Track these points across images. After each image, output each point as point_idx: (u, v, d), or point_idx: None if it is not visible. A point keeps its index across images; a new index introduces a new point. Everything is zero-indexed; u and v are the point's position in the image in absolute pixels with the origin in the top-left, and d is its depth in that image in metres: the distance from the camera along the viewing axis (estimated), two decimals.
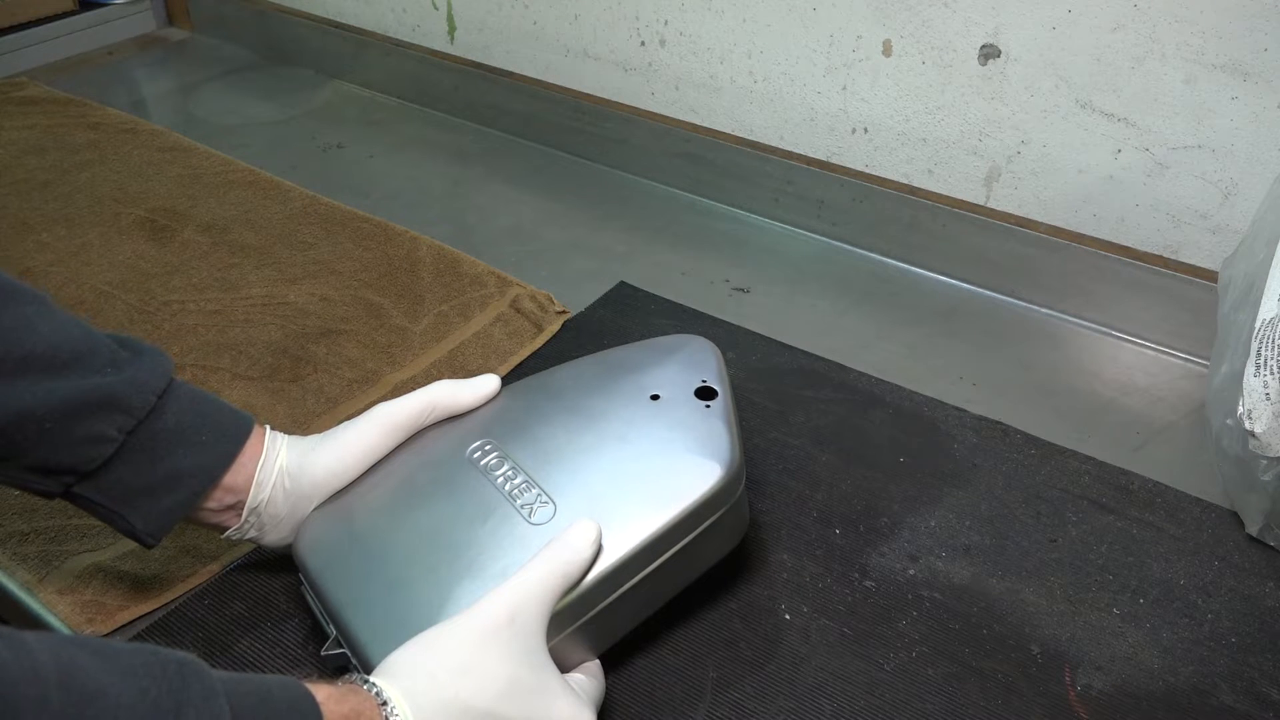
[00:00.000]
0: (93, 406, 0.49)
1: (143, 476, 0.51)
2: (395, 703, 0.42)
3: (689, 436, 0.56)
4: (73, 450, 0.49)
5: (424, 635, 0.45)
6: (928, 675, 0.55)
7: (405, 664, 0.44)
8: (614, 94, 1.07)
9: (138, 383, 0.51)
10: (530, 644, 0.46)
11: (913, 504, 0.66)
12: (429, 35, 1.21)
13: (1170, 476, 0.69)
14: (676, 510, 0.52)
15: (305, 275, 0.89)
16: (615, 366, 0.62)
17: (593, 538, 0.50)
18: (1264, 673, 0.56)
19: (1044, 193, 0.84)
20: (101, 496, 0.51)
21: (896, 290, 0.90)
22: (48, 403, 0.48)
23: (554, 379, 0.62)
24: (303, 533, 0.56)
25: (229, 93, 1.29)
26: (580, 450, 0.56)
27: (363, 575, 0.52)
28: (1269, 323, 0.58)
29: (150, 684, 0.34)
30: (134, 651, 0.35)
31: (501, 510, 0.53)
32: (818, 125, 0.94)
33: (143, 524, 0.52)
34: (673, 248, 0.95)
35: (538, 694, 0.45)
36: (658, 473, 0.54)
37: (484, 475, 0.55)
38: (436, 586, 0.50)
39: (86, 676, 0.32)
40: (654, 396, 0.58)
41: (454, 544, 0.52)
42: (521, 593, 0.47)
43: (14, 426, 0.48)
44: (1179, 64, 0.74)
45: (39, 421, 0.48)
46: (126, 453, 0.51)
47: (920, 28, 0.84)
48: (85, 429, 0.49)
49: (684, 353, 0.62)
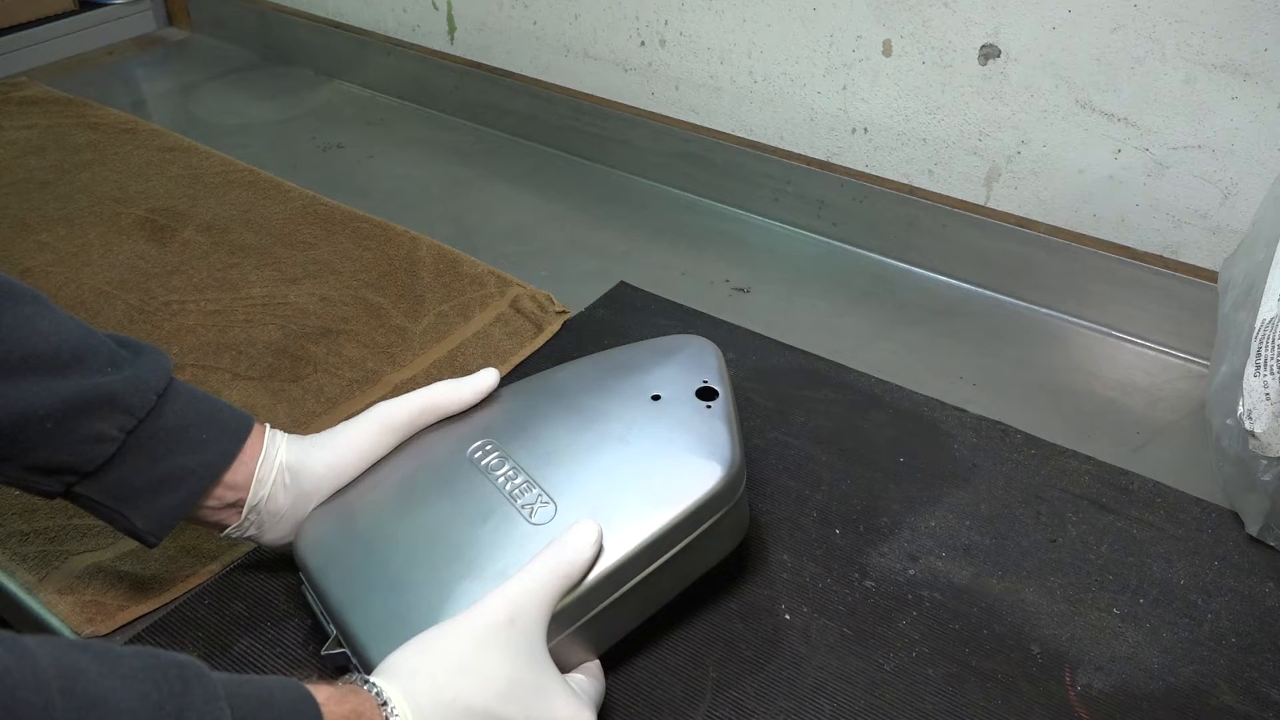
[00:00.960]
0: (94, 406, 0.49)
1: (144, 475, 0.51)
2: (395, 703, 0.41)
3: (690, 437, 0.56)
4: (73, 450, 0.49)
5: (424, 635, 0.45)
6: (928, 675, 0.55)
7: (405, 664, 0.44)
8: (614, 94, 1.07)
9: (138, 382, 0.51)
10: (531, 644, 0.46)
11: (913, 504, 0.66)
12: (429, 35, 1.21)
13: (1170, 476, 0.69)
14: (677, 511, 0.52)
15: (305, 275, 0.89)
16: (616, 366, 0.62)
17: (594, 538, 0.50)
18: (1264, 673, 0.56)
19: (1044, 193, 0.84)
20: (103, 496, 0.51)
21: (896, 290, 0.90)
22: (49, 403, 0.48)
23: (555, 379, 0.62)
24: (303, 532, 0.56)
25: (229, 93, 1.29)
26: (581, 450, 0.56)
27: (363, 575, 0.52)
28: (1269, 323, 0.58)
29: (151, 688, 0.34)
30: (134, 655, 0.35)
31: (502, 510, 0.53)
32: (818, 125, 0.94)
33: (144, 523, 0.52)
34: (673, 248, 0.95)
35: (538, 694, 0.45)
36: (658, 473, 0.54)
37: (485, 475, 0.55)
38: (437, 586, 0.50)
39: (88, 682, 0.32)
40: (655, 397, 0.58)
41: (454, 544, 0.52)
42: (522, 593, 0.47)
43: (15, 426, 0.48)
44: (1179, 64, 0.74)
45: (40, 421, 0.48)
46: (127, 452, 0.51)
47: (920, 28, 0.84)
48: (86, 429, 0.49)
49: (685, 353, 0.62)
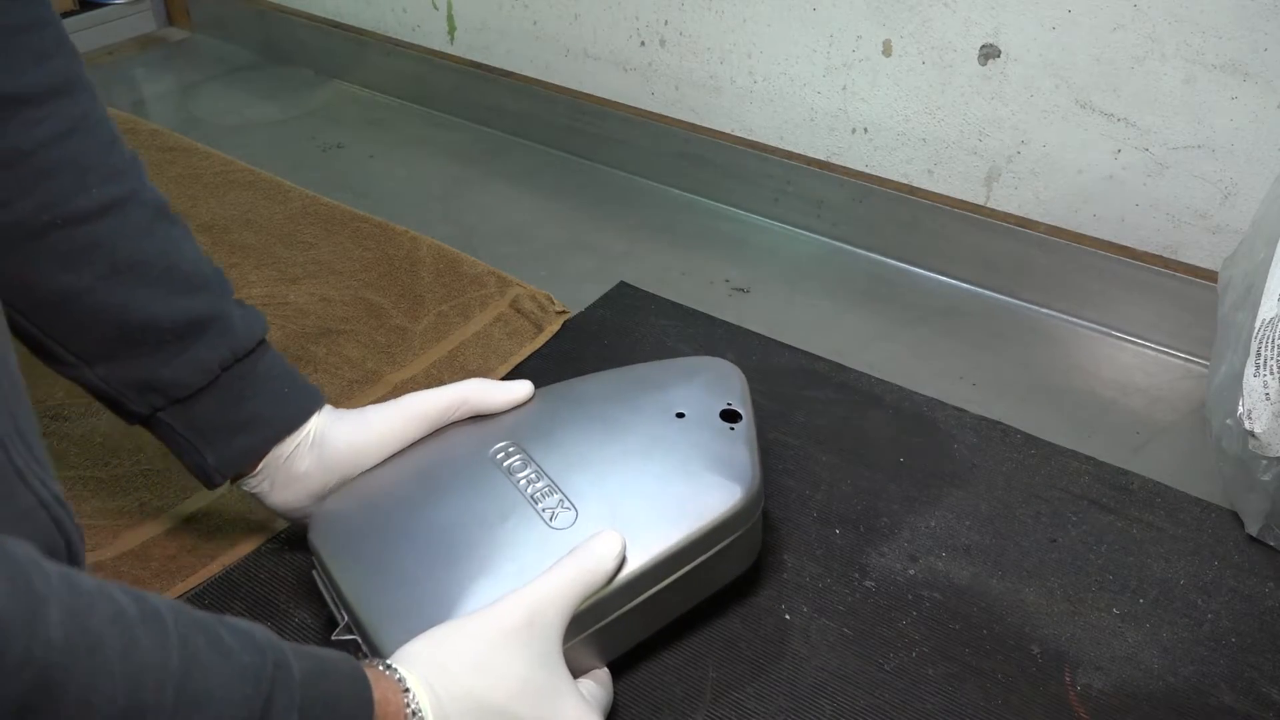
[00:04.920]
0: (209, 331, 0.54)
1: (227, 414, 0.55)
2: (415, 690, 0.42)
3: (712, 457, 0.56)
4: (176, 370, 0.53)
5: (441, 628, 0.46)
6: (928, 675, 0.55)
7: (421, 654, 0.44)
8: (614, 94, 1.07)
9: (249, 324, 0.56)
10: (546, 647, 0.46)
11: (913, 504, 0.66)
12: (429, 35, 1.21)
13: (1170, 476, 0.69)
14: (696, 527, 0.52)
15: (305, 275, 0.89)
16: (642, 382, 0.62)
17: (618, 550, 0.50)
18: (1264, 673, 0.56)
19: (1044, 193, 0.84)
20: (184, 427, 0.55)
21: (896, 290, 0.90)
22: (174, 314, 0.53)
23: (580, 389, 0.63)
24: (319, 516, 0.56)
25: (229, 93, 1.29)
26: (605, 460, 0.56)
27: (378, 564, 0.52)
28: (1269, 323, 0.58)
29: (253, 691, 0.34)
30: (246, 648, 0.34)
31: (522, 511, 0.53)
32: (818, 125, 0.94)
33: (216, 460, 0.55)
34: (673, 248, 0.95)
35: (549, 695, 0.45)
36: (679, 489, 0.54)
37: (506, 476, 0.56)
38: (453, 582, 0.50)
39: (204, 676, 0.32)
40: (679, 415, 0.59)
41: (472, 541, 0.52)
42: (543, 597, 0.47)
43: (140, 329, 0.52)
44: (1179, 64, 0.74)
45: (162, 331, 0.52)
46: (218, 387, 0.54)
47: (920, 28, 0.84)
48: (194, 352, 0.53)
49: (710, 374, 0.63)
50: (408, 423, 0.59)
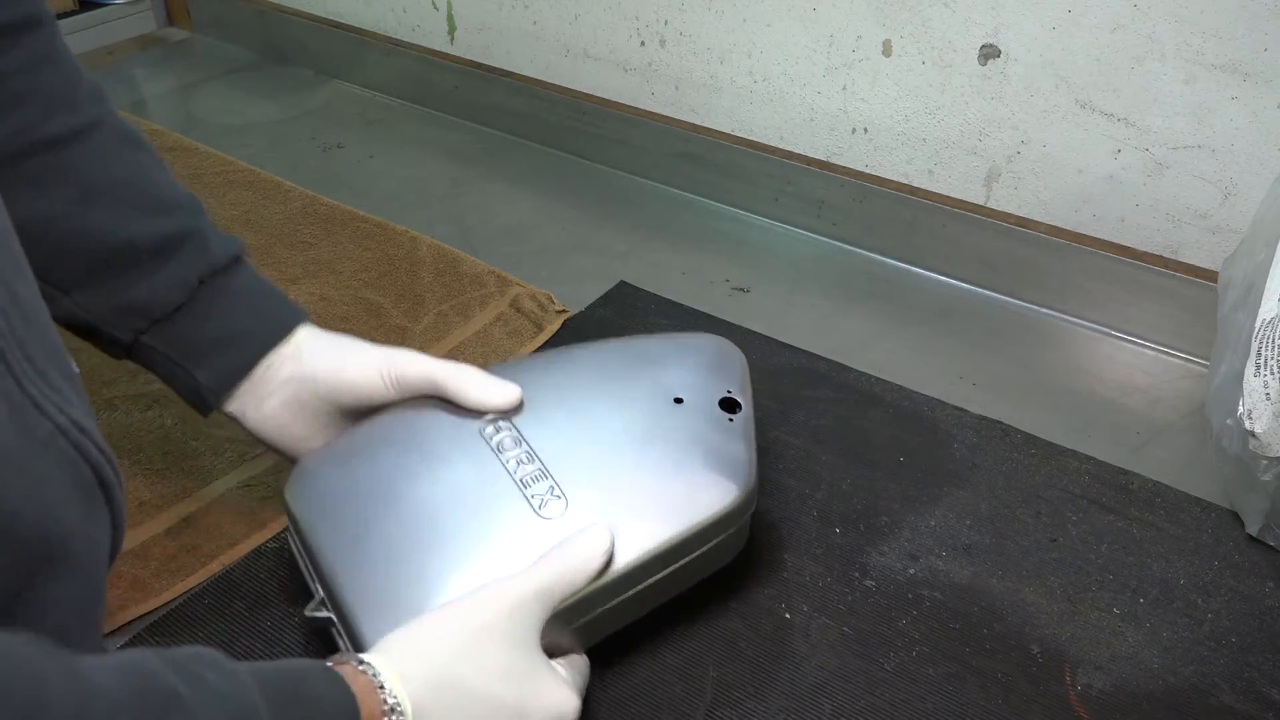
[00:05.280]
0: (185, 248, 0.54)
1: (210, 329, 0.55)
2: (392, 685, 0.41)
3: (709, 451, 0.55)
4: (153, 288, 0.54)
5: (421, 620, 0.46)
6: (928, 675, 0.55)
7: (399, 645, 0.44)
8: (614, 94, 1.07)
9: (221, 239, 0.57)
10: (526, 638, 0.47)
11: (913, 503, 0.66)
12: (429, 35, 1.21)
13: (1170, 476, 0.69)
14: (687, 525, 0.52)
15: (305, 275, 0.89)
16: (642, 357, 0.60)
17: (605, 548, 0.49)
18: (1264, 673, 0.56)
19: (1044, 193, 0.84)
20: (169, 347, 0.55)
21: (896, 290, 0.90)
22: (148, 235, 0.54)
23: (576, 362, 0.60)
24: (295, 478, 0.54)
25: (229, 93, 1.29)
26: (598, 446, 0.55)
27: (357, 539, 0.51)
28: (1269, 323, 0.58)
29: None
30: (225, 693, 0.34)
31: (510, 497, 0.52)
32: (818, 125, 0.94)
33: (206, 378, 0.55)
34: (673, 247, 0.95)
35: (530, 679, 0.46)
36: (674, 484, 0.53)
37: (495, 454, 0.54)
38: (436, 566, 0.49)
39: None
40: (678, 399, 0.57)
41: (457, 524, 0.51)
42: (526, 591, 0.47)
43: (116, 253, 0.53)
44: (1179, 64, 0.74)
45: (138, 253, 0.53)
46: (198, 303, 0.55)
47: (920, 28, 0.84)
48: (171, 269, 0.54)
49: (711, 355, 0.61)
50: (382, 381, 0.57)
